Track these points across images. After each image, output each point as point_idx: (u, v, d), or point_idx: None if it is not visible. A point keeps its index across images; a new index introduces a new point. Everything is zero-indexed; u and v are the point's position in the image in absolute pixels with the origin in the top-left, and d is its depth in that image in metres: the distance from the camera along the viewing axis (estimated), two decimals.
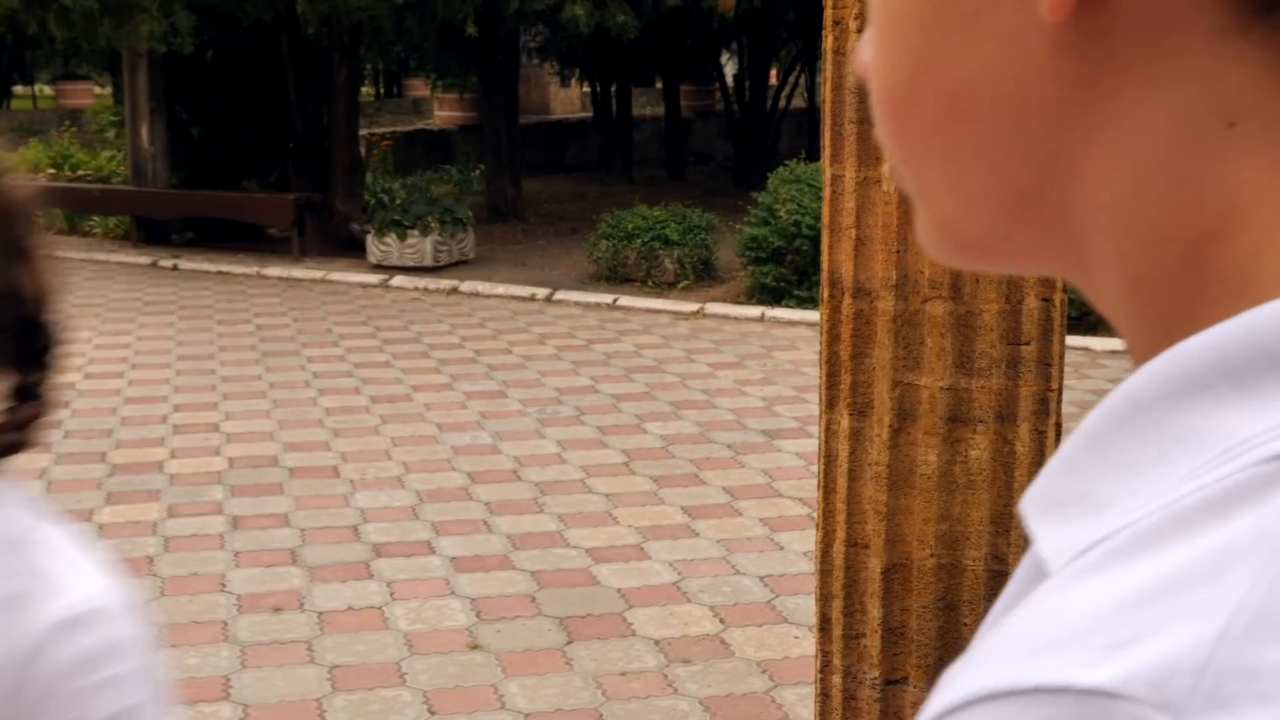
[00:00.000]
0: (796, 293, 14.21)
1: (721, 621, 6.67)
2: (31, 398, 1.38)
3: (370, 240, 16.03)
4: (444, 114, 30.03)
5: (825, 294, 3.14)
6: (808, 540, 7.25)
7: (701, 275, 15.49)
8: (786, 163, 15.42)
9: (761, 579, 7.18)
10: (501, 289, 14.99)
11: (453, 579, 7.14)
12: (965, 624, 3.05)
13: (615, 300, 14.49)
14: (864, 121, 2.98)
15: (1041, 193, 0.55)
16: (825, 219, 3.13)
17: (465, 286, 15.10)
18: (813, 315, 12.63)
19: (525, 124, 23.49)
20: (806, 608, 6.50)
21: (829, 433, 3.17)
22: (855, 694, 3.18)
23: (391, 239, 15.85)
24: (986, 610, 3.13)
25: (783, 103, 24.66)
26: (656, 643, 6.44)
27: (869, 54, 0.59)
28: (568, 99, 33.27)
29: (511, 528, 7.86)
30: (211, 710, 5.77)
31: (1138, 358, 0.54)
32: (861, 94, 2.98)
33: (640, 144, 26.09)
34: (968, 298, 2.97)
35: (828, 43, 3.05)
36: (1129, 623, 0.45)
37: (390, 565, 7.31)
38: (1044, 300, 3.01)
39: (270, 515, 8.03)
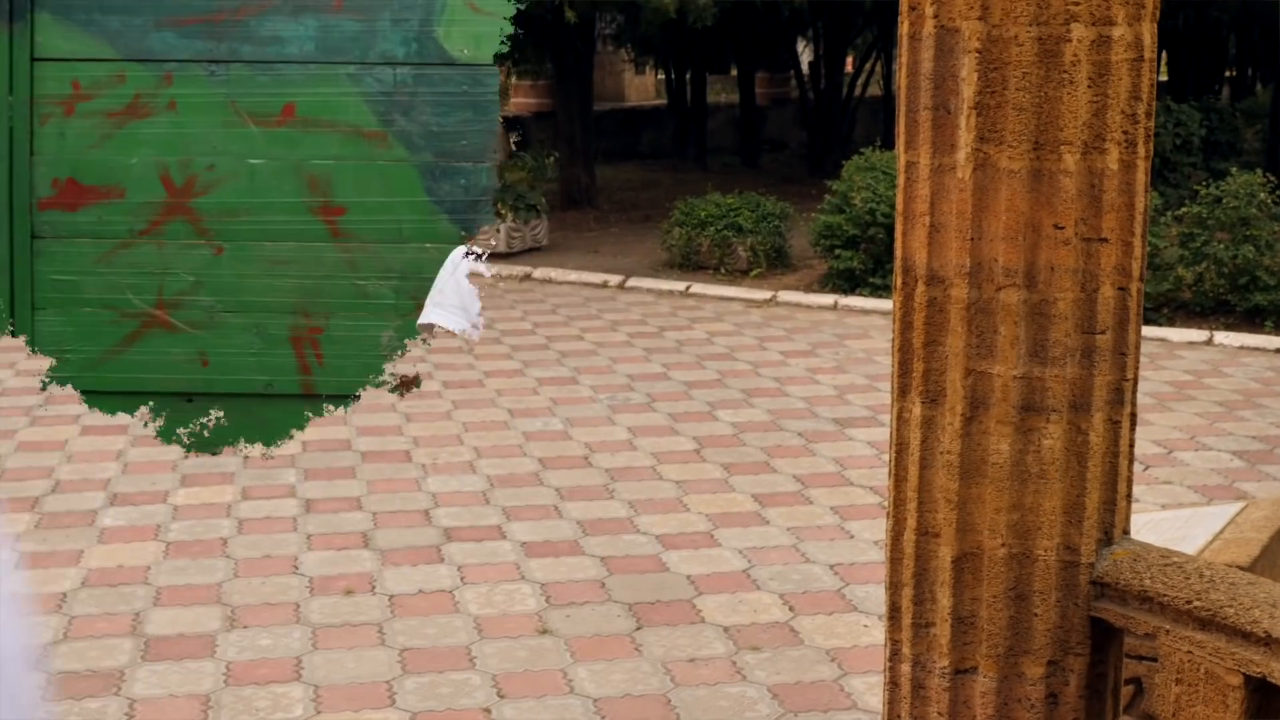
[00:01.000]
0: (871, 280, 14.14)
1: (791, 609, 6.66)
2: None
3: None
4: (519, 100, 30.06)
5: (898, 281, 3.11)
6: (878, 529, 7.22)
7: (774, 263, 15.44)
8: (862, 150, 15.33)
9: (831, 567, 7.16)
10: (574, 275, 15.01)
11: (523, 564, 7.16)
12: (1036, 614, 3.03)
13: (688, 287, 14.48)
14: (939, 108, 2.96)
15: None
16: (899, 206, 3.10)
17: (538, 273, 15.13)
18: (886, 304, 12.58)
19: (599, 111, 23.48)
20: (876, 596, 6.47)
21: (900, 421, 3.15)
22: (924, 683, 3.16)
23: None
24: (1058, 601, 3.10)
25: (858, 90, 24.52)
26: (725, 630, 6.44)
27: None
28: (642, 86, 33.24)
29: (582, 514, 7.88)
30: (283, 690, 5.83)
31: None
32: (937, 80, 2.95)
33: (714, 131, 26.01)
34: (1042, 286, 2.93)
35: (903, 28, 3.02)
36: None
37: (461, 550, 7.34)
38: (1120, 289, 2.97)
39: (342, 499, 8.09)
